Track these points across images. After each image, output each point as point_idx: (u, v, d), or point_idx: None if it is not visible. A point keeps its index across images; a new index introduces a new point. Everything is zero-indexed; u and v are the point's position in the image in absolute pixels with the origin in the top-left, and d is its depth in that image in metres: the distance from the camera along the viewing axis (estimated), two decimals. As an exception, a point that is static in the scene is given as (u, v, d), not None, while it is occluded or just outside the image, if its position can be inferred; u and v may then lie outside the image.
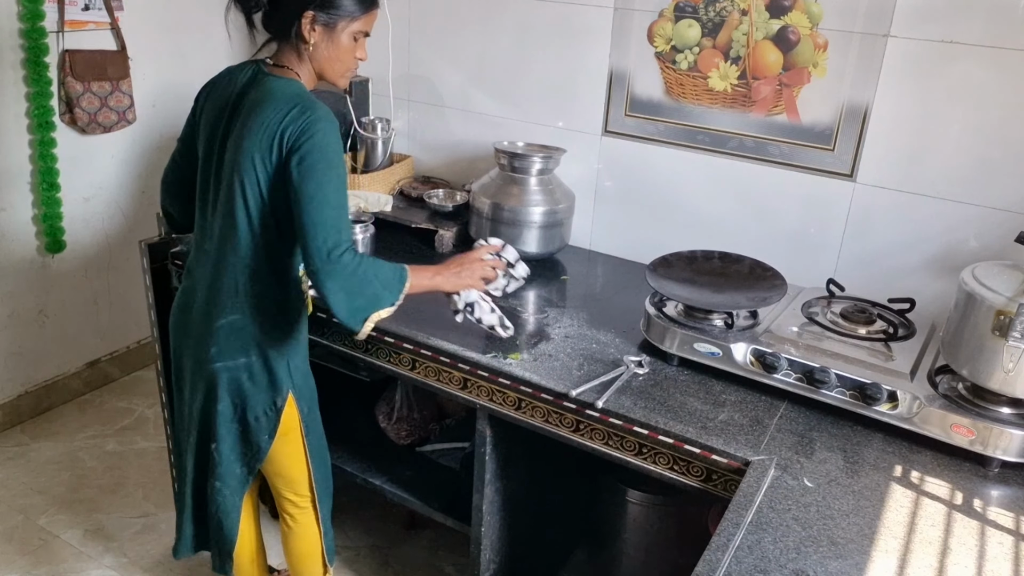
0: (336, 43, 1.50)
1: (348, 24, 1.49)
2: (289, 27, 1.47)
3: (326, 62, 1.52)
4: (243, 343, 1.53)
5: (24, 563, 2.25)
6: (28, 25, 2.49)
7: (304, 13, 1.45)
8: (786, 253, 1.96)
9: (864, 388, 1.46)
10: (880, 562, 1.18)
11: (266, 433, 1.59)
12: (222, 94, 1.54)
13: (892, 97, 1.79)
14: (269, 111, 1.42)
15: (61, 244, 2.78)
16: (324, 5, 1.46)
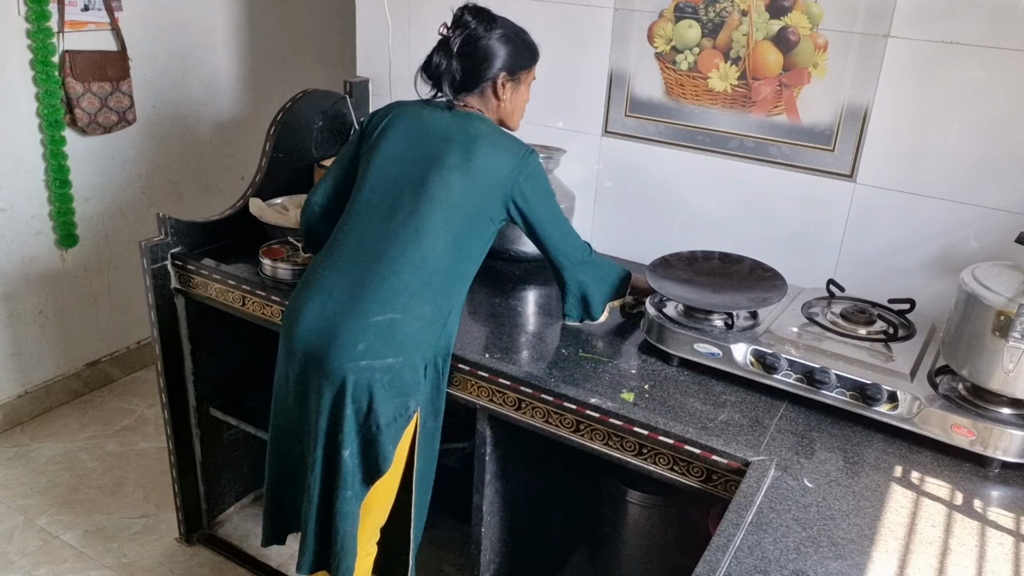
0: (520, 94, 1.71)
1: (527, 75, 1.70)
2: (480, 85, 1.64)
3: (513, 112, 1.71)
4: (399, 343, 1.52)
5: (24, 563, 2.25)
6: (35, 26, 2.49)
7: (499, 75, 1.64)
8: (786, 253, 1.96)
9: (864, 388, 1.46)
10: (880, 562, 1.18)
11: (392, 442, 1.55)
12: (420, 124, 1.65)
13: (892, 97, 1.79)
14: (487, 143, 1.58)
15: (75, 238, 2.81)
16: (511, 66, 1.64)
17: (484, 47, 1.62)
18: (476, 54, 1.62)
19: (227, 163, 3.35)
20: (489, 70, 1.62)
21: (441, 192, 1.57)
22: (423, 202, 1.57)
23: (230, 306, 1.99)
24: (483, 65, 1.62)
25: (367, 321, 1.52)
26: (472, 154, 1.57)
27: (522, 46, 1.67)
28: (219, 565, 2.29)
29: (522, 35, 1.68)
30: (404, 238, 1.56)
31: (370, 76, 2.53)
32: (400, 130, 1.65)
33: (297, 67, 3.44)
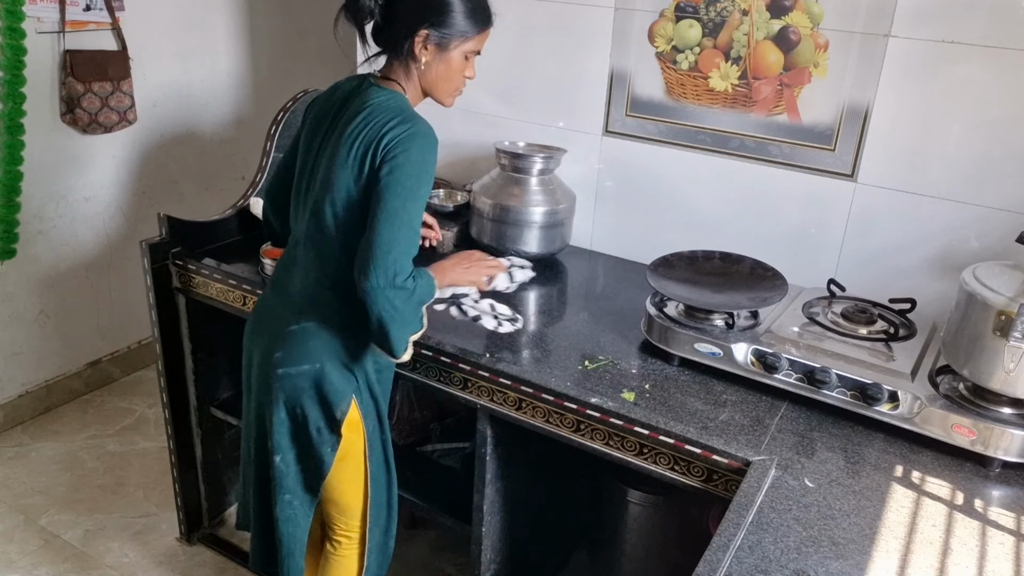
0: (447, 62, 1.47)
1: (461, 43, 1.46)
2: (400, 43, 1.45)
3: (435, 81, 1.49)
4: (312, 350, 1.48)
5: (25, 563, 2.25)
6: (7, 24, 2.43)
7: (418, 31, 1.43)
8: (787, 253, 1.96)
9: (865, 388, 1.46)
10: (881, 562, 1.18)
11: (328, 446, 1.52)
12: (326, 103, 1.53)
13: (893, 97, 1.79)
14: (369, 119, 1.40)
15: (11, 252, 2.66)
16: (438, 24, 1.42)
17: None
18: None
19: (228, 163, 3.35)
20: (406, 22, 1.42)
21: (324, 182, 1.44)
22: (315, 196, 1.47)
23: (231, 306, 1.99)
24: (403, 13, 1.43)
25: (285, 329, 1.50)
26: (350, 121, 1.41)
27: (463, 6, 1.44)
28: (220, 565, 2.29)
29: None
30: (307, 238, 1.49)
31: (371, 76, 2.52)
32: (310, 120, 1.55)
33: (297, 67, 3.44)
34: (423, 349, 1.69)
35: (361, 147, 1.39)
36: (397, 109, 1.42)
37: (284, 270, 1.58)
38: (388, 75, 1.50)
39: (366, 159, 1.38)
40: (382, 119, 1.39)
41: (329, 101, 1.52)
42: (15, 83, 2.49)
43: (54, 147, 2.69)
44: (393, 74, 1.49)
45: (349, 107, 1.46)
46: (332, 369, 1.49)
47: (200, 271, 2.00)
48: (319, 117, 1.52)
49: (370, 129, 1.39)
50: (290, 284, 1.54)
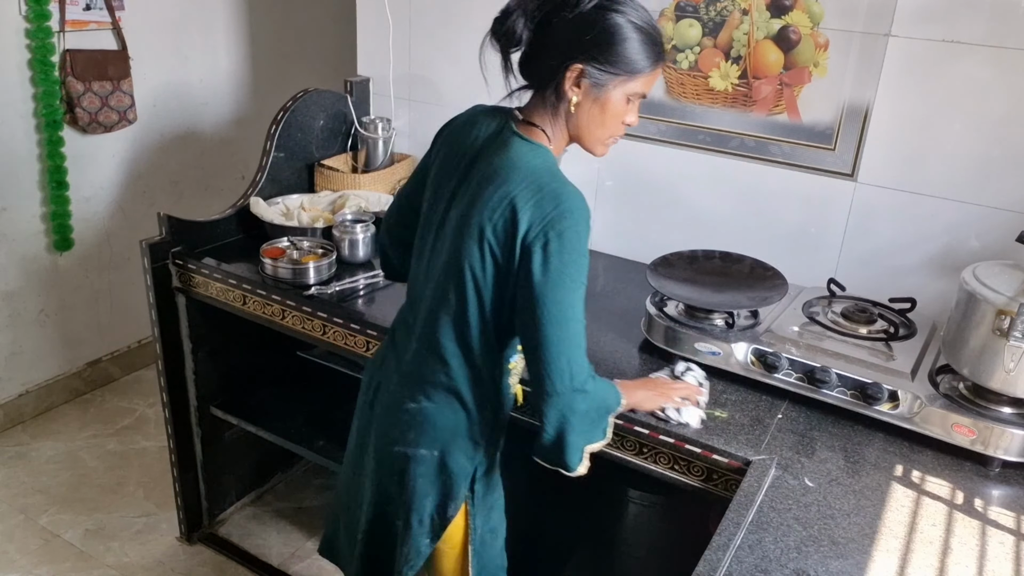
0: (603, 104, 1.21)
1: (623, 83, 1.19)
2: (547, 77, 1.21)
3: (586, 126, 1.24)
4: (429, 434, 1.31)
5: (25, 563, 2.25)
6: (34, 25, 2.49)
7: (570, 65, 1.17)
8: (787, 253, 1.96)
9: (865, 388, 1.46)
10: (881, 562, 1.18)
11: (427, 537, 1.36)
12: (461, 141, 1.30)
13: (893, 97, 1.79)
14: (511, 187, 1.18)
15: (69, 242, 2.80)
16: (598, 57, 1.16)
17: (574, 17, 1.15)
18: (555, 20, 1.16)
19: (228, 162, 3.35)
20: (558, 52, 1.17)
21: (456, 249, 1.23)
22: (443, 263, 1.26)
23: (231, 305, 1.99)
24: (556, 42, 1.17)
25: (402, 404, 1.33)
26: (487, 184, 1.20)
27: (634, 37, 1.17)
28: (220, 564, 2.29)
29: (644, 25, 1.19)
30: (435, 300, 1.28)
31: (370, 75, 2.53)
32: (443, 154, 1.33)
33: (297, 67, 3.44)
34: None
35: (502, 222, 1.17)
36: (544, 174, 1.19)
37: (404, 327, 1.38)
38: (531, 117, 1.25)
39: (508, 239, 1.18)
40: (527, 191, 1.17)
41: (465, 139, 1.29)
42: (48, 81, 2.55)
43: (54, 147, 2.69)
44: (537, 116, 1.25)
45: (487, 158, 1.24)
46: (451, 458, 1.32)
47: (200, 271, 2.00)
48: (452, 157, 1.30)
49: (512, 203, 1.17)
50: (408, 346, 1.35)
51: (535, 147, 1.23)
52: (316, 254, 2.02)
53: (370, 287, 1.94)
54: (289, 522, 2.45)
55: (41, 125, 2.61)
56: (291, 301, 1.87)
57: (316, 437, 2.15)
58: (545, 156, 1.23)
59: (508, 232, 1.17)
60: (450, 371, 1.29)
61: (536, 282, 1.16)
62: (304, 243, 2.05)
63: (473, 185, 1.23)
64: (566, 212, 1.16)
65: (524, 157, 1.21)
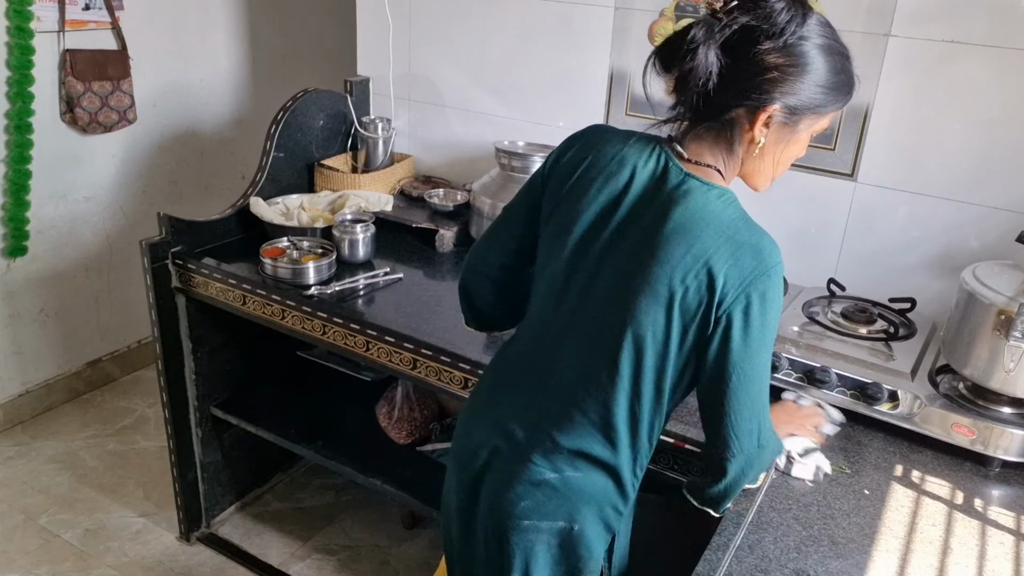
0: (791, 144, 1.11)
1: (814, 121, 1.10)
2: (732, 117, 1.07)
3: (767, 167, 1.13)
4: (572, 505, 1.17)
5: (25, 563, 2.25)
6: (14, 24, 2.44)
7: (766, 106, 1.04)
8: (787, 252, 1.93)
9: (865, 388, 1.46)
10: (881, 562, 1.18)
11: None
12: (605, 175, 1.13)
13: (893, 96, 1.79)
14: (706, 244, 1.04)
15: (23, 249, 2.67)
16: (795, 97, 1.04)
17: (771, 50, 1.01)
18: (753, 55, 1.02)
19: (228, 162, 3.35)
20: (759, 89, 1.03)
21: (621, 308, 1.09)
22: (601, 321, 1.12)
23: (231, 305, 1.99)
24: (754, 76, 1.02)
25: (538, 476, 1.17)
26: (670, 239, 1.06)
27: (835, 72, 1.06)
28: (220, 564, 2.29)
29: (843, 57, 1.07)
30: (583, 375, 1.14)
31: (370, 76, 2.53)
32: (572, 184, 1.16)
33: (297, 67, 3.44)
34: (423, 348, 1.69)
35: (695, 285, 1.04)
36: (739, 226, 1.07)
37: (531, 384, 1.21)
38: (701, 156, 1.11)
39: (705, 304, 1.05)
40: (725, 249, 1.04)
41: (611, 175, 1.13)
42: (23, 82, 2.50)
43: (53, 146, 2.68)
44: (708, 152, 1.11)
45: (661, 207, 1.08)
46: (590, 527, 1.19)
47: (200, 271, 2.00)
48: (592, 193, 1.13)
49: (708, 264, 1.04)
50: (544, 408, 1.18)
51: (722, 192, 1.09)
52: (316, 254, 2.02)
53: (370, 287, 1.94)
54: (289, 522, 2.45)
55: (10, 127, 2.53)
56: (291, 301, 1.87)
57: (316, 437, 2.15)
58: (734, 203, 1.09)
59: (703, 297, 1.04)
60: (614, 443, 1.15)
61: (735, 349, 1.04)
62: (304, 243, 2.05)
63: (648, 239, 1.07)
64: (771, 270, 1.04)
65: (713, 207, 1.07)
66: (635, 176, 1.12)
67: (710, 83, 1.03)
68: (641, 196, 1.11)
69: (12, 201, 2.60)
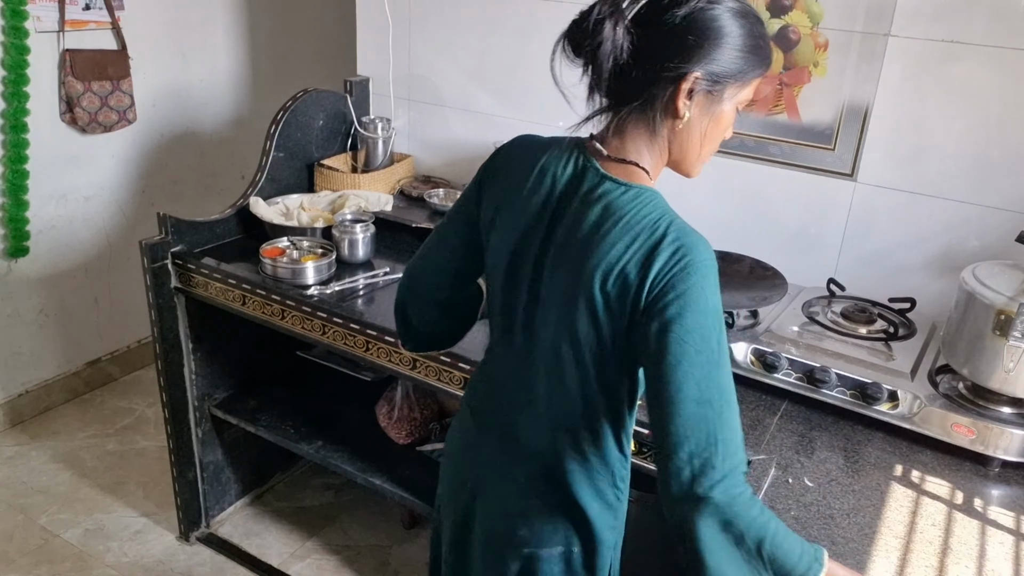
0: (717, 118, 1.04)
1: (738, 91, 1.03)
2: (654, 94, 1.00)
3: (695, 146, 1.06)
4: (566, 526, 1.14)
5: (24, 563, 2.25)
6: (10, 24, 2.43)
7: (685, 75, 0.97)
8: (787, 252, 1.96)
9: (864, 387, 1.46)
10: (880, 562, 1.18)
11: None
12: (527, 185, 1.08)
13: (893, 96, 1.79)
14: (621, 243, 0.97)
15: (24, 249, 2.68)
16: (715, 64, 0.98)
17: (684, 17, 0.96)
18: (665, 24, 0.96)
19: (227, 162, 3.35)
20: (676, 59, 0.97)
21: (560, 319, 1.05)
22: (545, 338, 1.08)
23: (230, 305, 1.99)
24: (669, 47, 0.97)
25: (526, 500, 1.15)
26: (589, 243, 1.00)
27: (752, 36, 1.00)
28: (219, 564, 2.29)
29: (757, 21, 1.02)
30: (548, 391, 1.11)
31: (370, 75, 2.53)
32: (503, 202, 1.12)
33: (297, 66, 3.44)
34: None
35: (614, 287, 0.98)
36: (660, 222, 0.98)
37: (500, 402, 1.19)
38: (619, 150, 1.04)
39: (621, 304, 0.98)
40: (642, 244, 0.97)
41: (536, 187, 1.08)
42: (19, 82, 2.49)
43: (53, 146, 2.68)
44: (629, 145, 1.04)
45: (576, 207, 1.03)
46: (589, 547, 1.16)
47: (200, 271, 2.00)
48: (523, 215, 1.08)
49: (624, 259, 0.97)
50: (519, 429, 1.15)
51: (639, 190, 1.01)
52: (316, 254, 2.02)
53: (370, 287, 1.94)
54: (289, 522, 2.45)
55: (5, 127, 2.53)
56: (291, 301, 1.87)
57: (316, 437, 2.15)
58: (656, 200, 1.01)
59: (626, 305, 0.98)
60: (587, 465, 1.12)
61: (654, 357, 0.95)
62: (304, 243, 2.05)
63: (565, 251, 1.03)
64: (693, 265, 0.94)
65: (628, 208, 0.99)
66: (555, 185, 1.06)
67: (622, 58, 0.97)
68: (559, 205, 1.05)
69: (11, 202, 2.60)
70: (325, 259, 1.96)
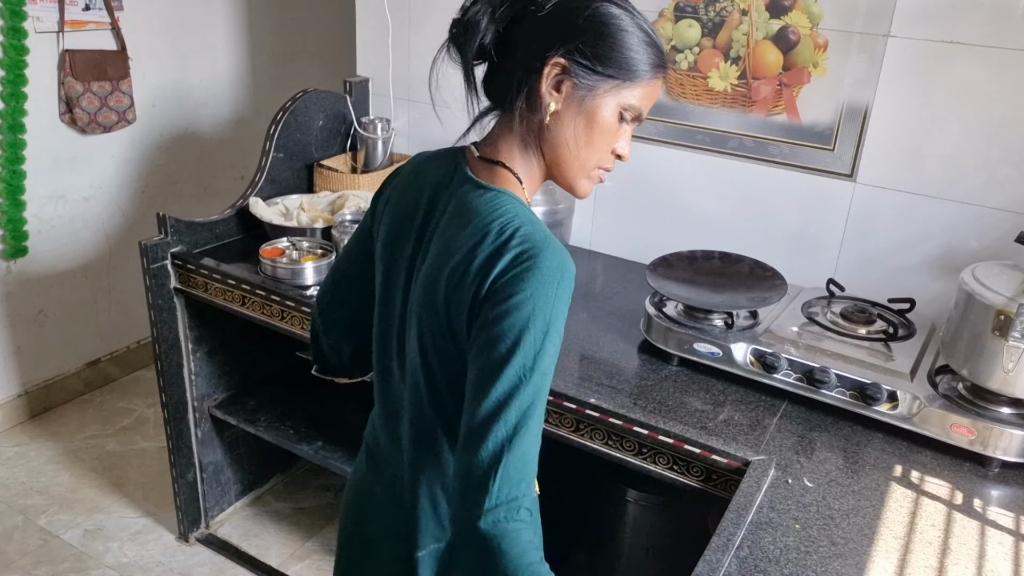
0: (591, 116, 0.93)
1: (616, 89, 0.93)
2: (519, 80, 0.93)
3: (569, 147, 0.95)
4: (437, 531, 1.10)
5: (24, 563, 2.25)
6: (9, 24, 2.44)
7: (549, 59, 0.91)
8: (786, 253, 1.96)
9: (864, 388, 1.46)
10: (880, 562, 1.18)
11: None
12: (407, 200, 1.04)
13: (892, 97, 1.79)
14: (466, 239, 0.92)
15: (23, 250, 2.68)
16: (586, 51, 0.90)
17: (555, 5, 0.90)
18: (534, 15, 0.92)
19: (227, 163, 3.35)
20: (543, 44, 0.91)
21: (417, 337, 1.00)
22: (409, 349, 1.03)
23: (230, 306, 1.99)
24: (537, 36, 0.91)
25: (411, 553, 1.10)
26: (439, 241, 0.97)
27: (632, 31, 0.92)
28: (219, 565, 2.29)
29: (642, 22, 0.93)
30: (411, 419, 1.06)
31: (370, 76, 2.53)
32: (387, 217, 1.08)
33: (297, 67, 3.44)
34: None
35: (462, 286, 0.92)
36: (510, 220, 0.91)
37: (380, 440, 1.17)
38: (491, 153, 0.99)
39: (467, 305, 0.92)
40: (487, 240, 0.90)
41: (411, 195, 1.04)
42: (17, 83, 2.49)
43: (53, 147, 2.68)
44: (502, 147, 0.99)
45: (439, 210, 0.99)
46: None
47: (199, 271, 2.00)
48: (400, 220, 1.04)
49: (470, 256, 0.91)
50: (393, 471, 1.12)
51: (498, 192, 0.95)
52: (315, 254, 2.02)
53: (369, 287, 1.94)
54: (288, 522, 2.45)
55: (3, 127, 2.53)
56: (290, 301, 1.87)
57: (315, 437, 2.15)
58: (510, 200, 0.95)
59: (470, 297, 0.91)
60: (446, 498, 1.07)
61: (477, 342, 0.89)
62: (303, 243, 2.05)
63: (426, 253, 0.98)
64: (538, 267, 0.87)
65: (485, 201, 0.94)
66: (423, 189, 1.03)
67: (487, 39, 0.92)
68: (428, 209, 1.01)
69: (8, 202, 2.60)
70: (325, 259, 1.96)
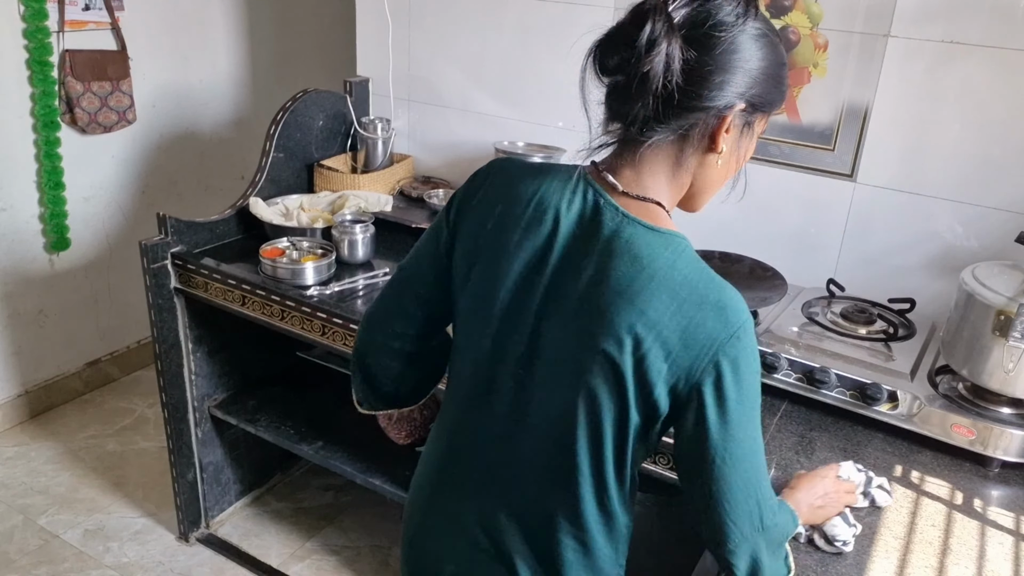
0: (748, 150, 0.97)
1: (764, 121, 0.97)
2: (691, 123, 0.90)
3: (718, 181, 0.98)
4: None
5: (24, 563, 2.25)
6: (31, 25, 2.48)
7: (732, 106, 0.89)
8: (786, 253, 1.96)
9: (864, 388, 1.46)
10: (880, 562, 1.18)
11: None
12: (525, 224, 0.95)
13: (892, 97, 1.79)
14: (658, 301, 0.88)
15: (66, 242, 2.79)
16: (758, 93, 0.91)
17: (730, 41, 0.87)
18: (711, 47, 0.87)
19: (227, 163, 3.35)
20: (723, 86, 0.88)
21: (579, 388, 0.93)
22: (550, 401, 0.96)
23: (230, 306, 1.98)
24: (715, 72, 0.87)
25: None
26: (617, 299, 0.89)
27: (783, 66, 0.94)
28: (219, 565, 2.29)
29: (782, 48, 0.95)
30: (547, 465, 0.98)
31: (370, 76, 2.53)
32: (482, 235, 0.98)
33: (297, 67, 3.44)
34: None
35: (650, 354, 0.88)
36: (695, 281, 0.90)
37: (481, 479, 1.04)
38: (636, 185, 0.93)
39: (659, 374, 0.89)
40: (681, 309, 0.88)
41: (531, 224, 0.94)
42: (45, 81, 2.54)
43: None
44: (647, 180, 0.94)
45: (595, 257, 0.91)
46: None
47: (200, 271, 2.00)
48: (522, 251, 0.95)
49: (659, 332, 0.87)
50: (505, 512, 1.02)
51: (668, 238, 0.91)
52: (315, 254, 2.02)
53: (369, 287, 1.94)
54: (288, 522, 2.45)
55: (38, 125, 2.61)
56: (291, 301, 1.87)
57: (316, 437, 2.15)
58: (685, 251, 0.92)
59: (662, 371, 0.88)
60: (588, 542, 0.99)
61: (712, 430, 0.89)
62: (303, 243, 2.05)
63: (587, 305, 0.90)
64: (736, 330, 0.88)
65: (662, 260, 0.89)
66: (560, 222, 0.93)
67: (672, 83, 0.85)
68: (570, 247, 0.93)
69: (50, 197, 2.68)
70: (325, 259, 1.96)
